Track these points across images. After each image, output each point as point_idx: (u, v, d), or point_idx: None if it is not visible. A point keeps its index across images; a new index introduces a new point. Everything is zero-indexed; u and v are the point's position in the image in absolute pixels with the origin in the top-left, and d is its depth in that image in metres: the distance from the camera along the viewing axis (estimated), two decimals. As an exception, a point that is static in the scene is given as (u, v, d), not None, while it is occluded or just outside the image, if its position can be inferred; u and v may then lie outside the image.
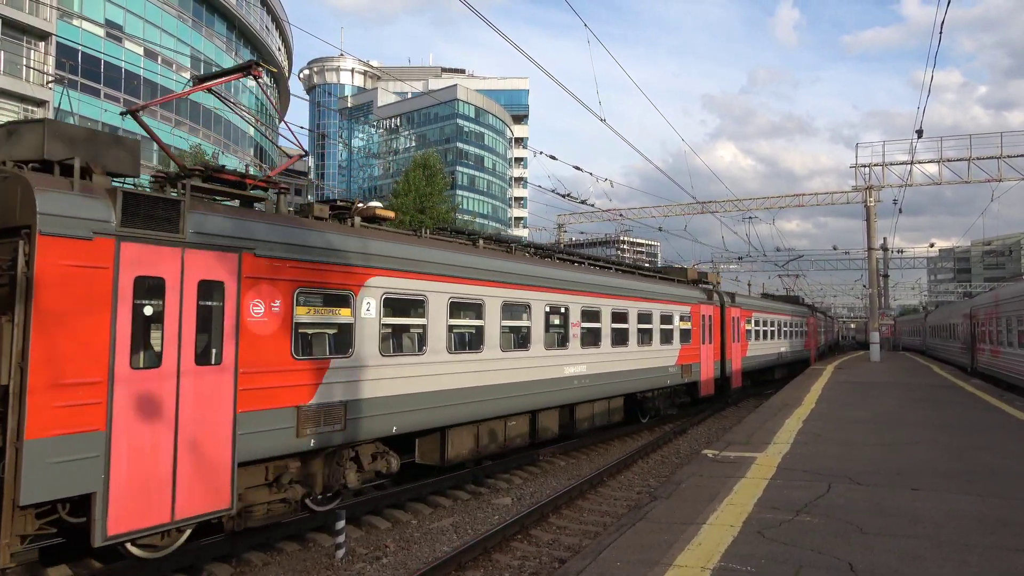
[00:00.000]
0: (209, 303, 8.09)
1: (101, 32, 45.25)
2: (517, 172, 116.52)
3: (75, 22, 43.34)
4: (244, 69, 9.44)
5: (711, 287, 26.09)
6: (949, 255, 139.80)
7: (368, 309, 10.16)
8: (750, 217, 47.06)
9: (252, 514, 8.91)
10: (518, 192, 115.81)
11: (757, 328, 31.08)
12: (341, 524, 9.10)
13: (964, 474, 9.51)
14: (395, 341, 11.25)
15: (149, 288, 7.50)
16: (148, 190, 8.64)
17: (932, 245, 69.76)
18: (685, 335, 21.88)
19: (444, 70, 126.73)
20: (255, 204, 9.61)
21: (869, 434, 13.07)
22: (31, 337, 6.55)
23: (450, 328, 11.85)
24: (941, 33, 15.97)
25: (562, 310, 15.49)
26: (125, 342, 7.20)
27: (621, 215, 51.02)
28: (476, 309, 12.54)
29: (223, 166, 9.94)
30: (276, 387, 8.71)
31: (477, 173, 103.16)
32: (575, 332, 15.75)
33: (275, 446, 8.69)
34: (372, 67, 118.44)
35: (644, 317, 19.23)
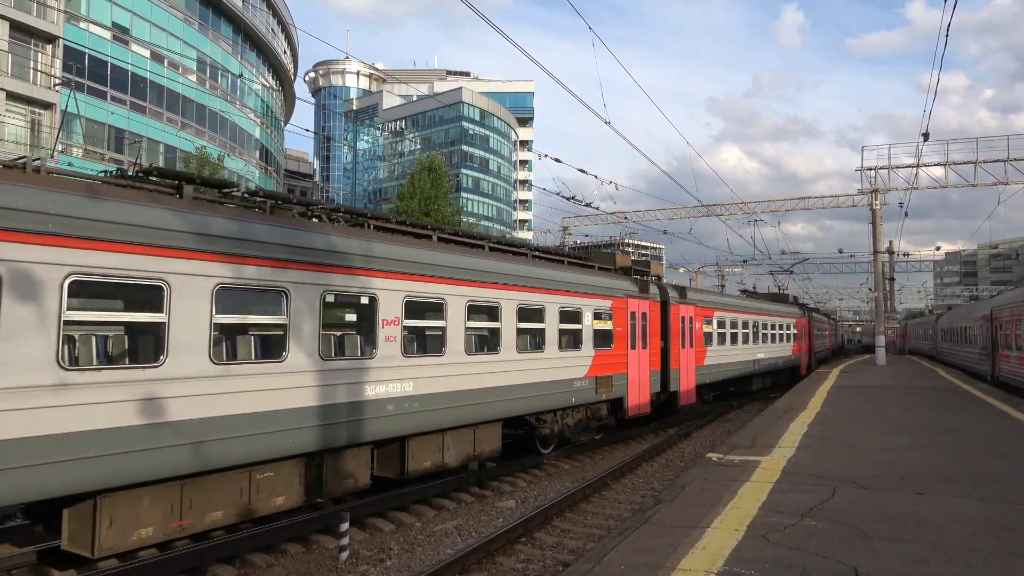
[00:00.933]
0: None
1: (108, 35, 45.46)
2: (522, 175, 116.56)
3: (82, 25, 43.54)
4: None
5: (648, 278, 20.62)
6: (955, 258, 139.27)
7: None
8: (755, 220, 47.03)
9: None
10: (523, 195, 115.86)
11: (722, 331, 25.79)
12: (345, 526, 9.11)
13: (969, 479, 9.48)
14: None
15: None
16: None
17: (938, 248, 69.90)
18: (602, 338, 16.98)
19: (449, 73, 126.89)
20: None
21: (874, 438, 13.03)
22: None
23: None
24: (947, 36, 15.95)
25: (363, 300, 10.58)
26: None
27: (626, 218, 51.01)
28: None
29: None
30: None
31: (482, 176, 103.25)
32: (391, 334, 10.81)
33: None
34: (377, 70, 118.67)
35: (530, 313, 14.25)
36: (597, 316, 16.78)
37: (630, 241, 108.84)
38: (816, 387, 24.65)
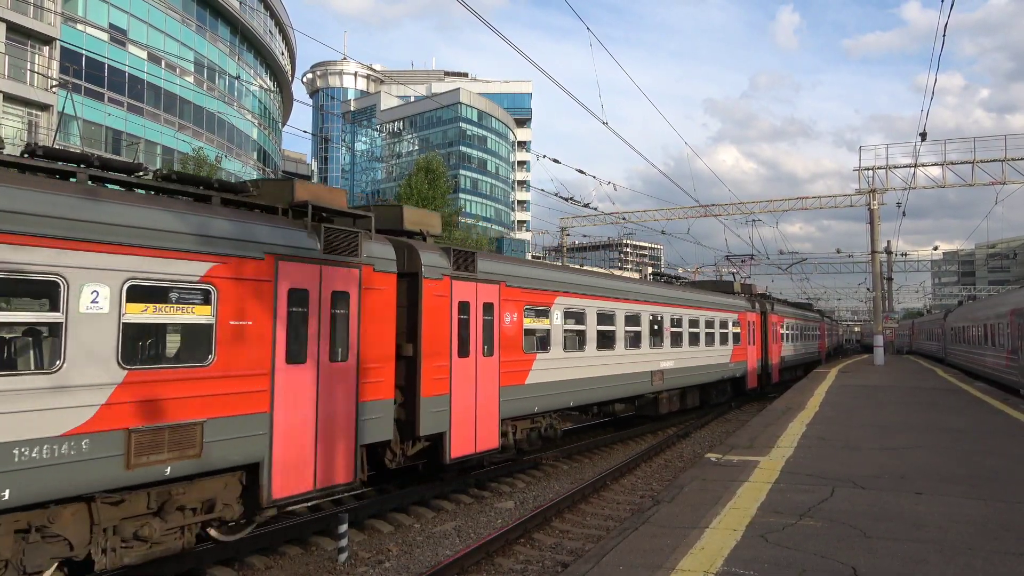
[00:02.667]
0: None
1: (105, 36, 45.41)
2: (520, 175, 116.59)
3: (79, 27, 43.49)
4: None
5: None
6: (953, 258, 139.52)
7: None
8: (753, 220, 47.03)
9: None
10: (521, 195, 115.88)
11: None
12: (343, 528, 9.10)
13: (968, 478, 9.48)
14: None
15: None
16: None
17: (936, 248, 70.01)
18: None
19: (447, 74, 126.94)
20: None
21: (873, 438, 13.04)
22: None
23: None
24: (944, 36, 15.96)
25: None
26: None
27: (624, 218, 51.02)
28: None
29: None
30: None
31: (480, 176, 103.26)
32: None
33: None
34: (375, 71, 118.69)
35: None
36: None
37: (629, 242, 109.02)
38: (815, 387, 24.67)
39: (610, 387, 17.14)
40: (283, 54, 72.31)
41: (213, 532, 8.55)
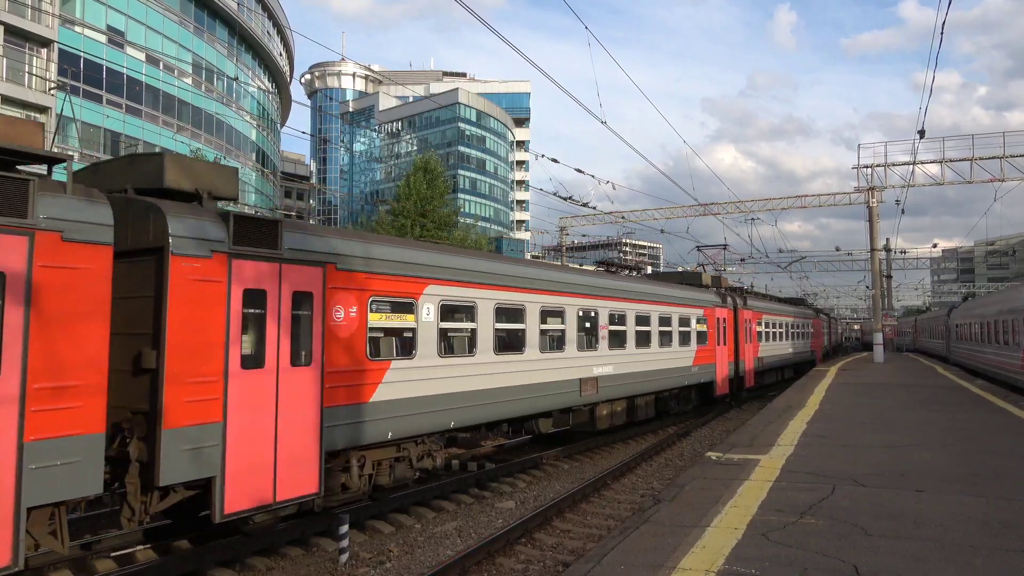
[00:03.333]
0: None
1: (103, 38, 45.37)
2: (519, 175, 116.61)
3: (77, 29, 43.46)
4: None
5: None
6: (952, 255, 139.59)
7: None
8: (752, 219, 47.05)
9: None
10: (520, 195, 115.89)
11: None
12: (344, 529, 9.10)
13: (969, 476, 9.48)
14: None
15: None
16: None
17: (935, 246, 70.02)
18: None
19: (445, 74, 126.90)
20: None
21: (873, 436, 13.03)
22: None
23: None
24: (942, 34, 15.96)
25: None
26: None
27: (623, 217, 51.02)
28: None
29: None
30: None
31: (479, 176, 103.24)
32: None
33: None
34: (373, 71, 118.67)
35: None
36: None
37: (628, 241, 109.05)
38: (815, 385, 24.66)
39: (516, 401, 13.57)
40: (281, 55, 72.28)
41: None
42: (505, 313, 13.45)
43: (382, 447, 10.89)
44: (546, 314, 14.68)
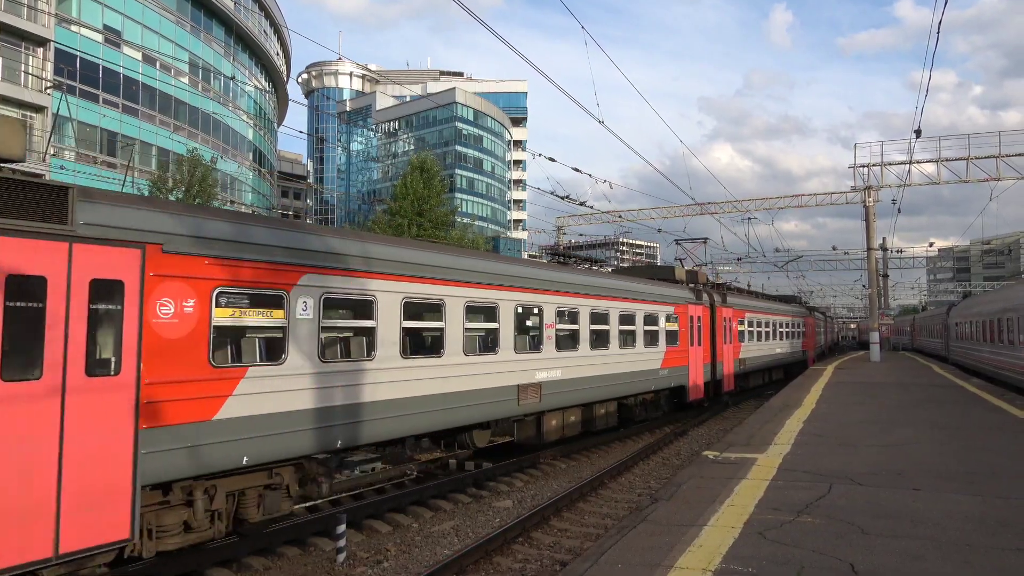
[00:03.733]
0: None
1: (99, 38, 45.28)
2: (516, 175, 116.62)
3: (73, 28, 43.37)
4: None
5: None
6: (948, 255, 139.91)
7: None
8: (749, 218, 47.08)
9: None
10: (517, 195, 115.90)
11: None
12: (342, 528, 9.10)
13: (965, 474, 9.51)
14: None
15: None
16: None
17: (931, 245, 70.09)
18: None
19: (442, 73, 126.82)
20: None
21: (870, 435, 13.06)
22: None
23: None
24: (939, 34, 15.99)
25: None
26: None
27: (620, 216, 51.06)
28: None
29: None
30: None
31: (476, 176, 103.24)
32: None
33: None
34: (370, 71, 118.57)
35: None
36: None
37: (625, 240, 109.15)
38: (812, 384, 24.69)
39: (430, 413, 11.44)
40: (278, 54, 72.21)
41: None
42: (417, 309, 11.34)
43: (241, 474, 8.87)
44: (473, 310, 12.59)
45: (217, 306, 8.17)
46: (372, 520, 10.88)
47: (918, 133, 24.62)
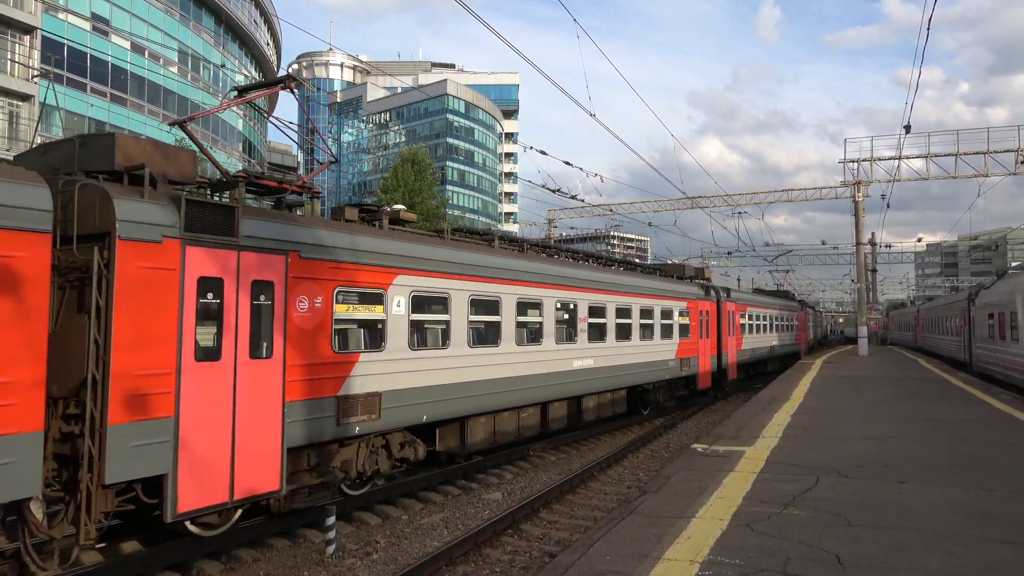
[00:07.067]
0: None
1: (87, 26, 44.82)
2: (507, 167, 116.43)
3: (61, 15, 42.90)
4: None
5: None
6: (936, 250, 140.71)
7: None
8: (739, 212, 47.23)
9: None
10: (508, 187, 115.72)
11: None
12: (331, 520, 9.10)
13: (951, 467, 9.60)
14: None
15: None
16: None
17: (919, 240, 70.22)
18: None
19: (434, 65, 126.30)
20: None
21: (857, 428, 13.16)
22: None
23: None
24: (929, 30, 16.05)
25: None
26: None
27: (611, 210, 51.09)
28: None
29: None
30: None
31: (467, 168, 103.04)
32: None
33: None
34: (361, 62, 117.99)
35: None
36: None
37: (616, 233, 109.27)
38: (800, 378, 24.85)
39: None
40: (268, 44, 71.69)
41: None
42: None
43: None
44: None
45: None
46: (362, 512, 10.89)
47: (907, 129, 24.76)
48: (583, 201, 43.56)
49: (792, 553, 6.14)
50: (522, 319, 14.20)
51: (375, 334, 10.70)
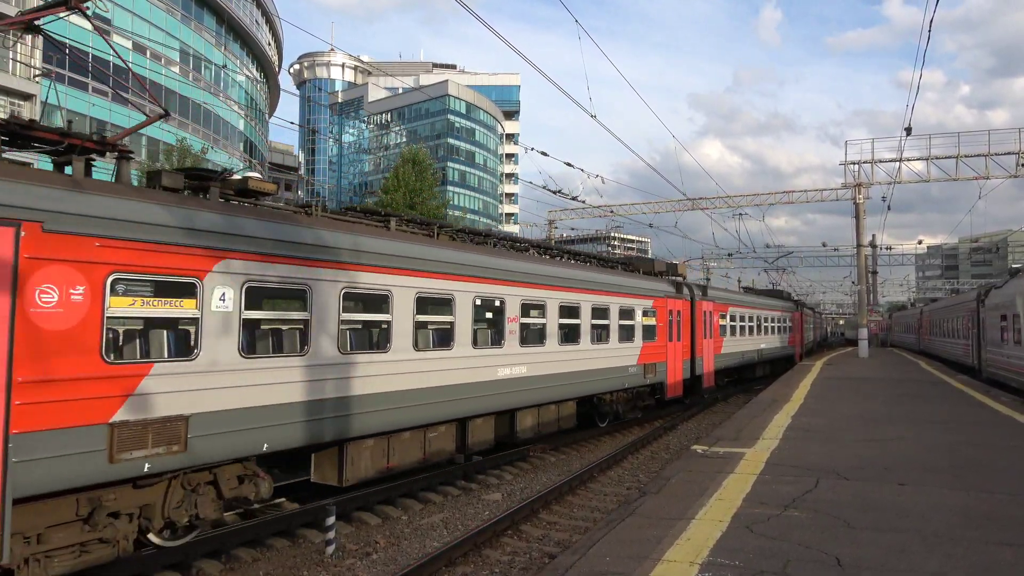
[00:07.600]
0: None
1: (89, 25, 44.81)
2: (508, 168, 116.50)
3: (62, 15, 42.91)
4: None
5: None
6: (937, 252, 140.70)
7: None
8: (740, 214, 47.20)
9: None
10: (509, 188, 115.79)
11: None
12: (331, 520, 9.09)
13: (951, 469, 9.60)
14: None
15: None
16: None
17: (920, 242, 70.08)
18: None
19: (435, 65, 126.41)
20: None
21: (857, 429, 13.16)
22: None
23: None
24: (930, 32, 16.04)
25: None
26: None
27: (612, 211, 51.09)
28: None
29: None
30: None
31: (468, 169, 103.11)
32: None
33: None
34: (362, 62, 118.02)
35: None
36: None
37: (616, 235, 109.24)
38: (800, 379, 24.84)
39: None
40: (269, 44, 71.80)
41: None
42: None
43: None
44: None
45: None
46: (361, 512, 10.89)
47: (908, 131, 24.73)
48: (584, 202, 43.54)
49: (792, 555, 6.14)
50: (425, 318, 11.70)
51: (182, 337, 8.21)
